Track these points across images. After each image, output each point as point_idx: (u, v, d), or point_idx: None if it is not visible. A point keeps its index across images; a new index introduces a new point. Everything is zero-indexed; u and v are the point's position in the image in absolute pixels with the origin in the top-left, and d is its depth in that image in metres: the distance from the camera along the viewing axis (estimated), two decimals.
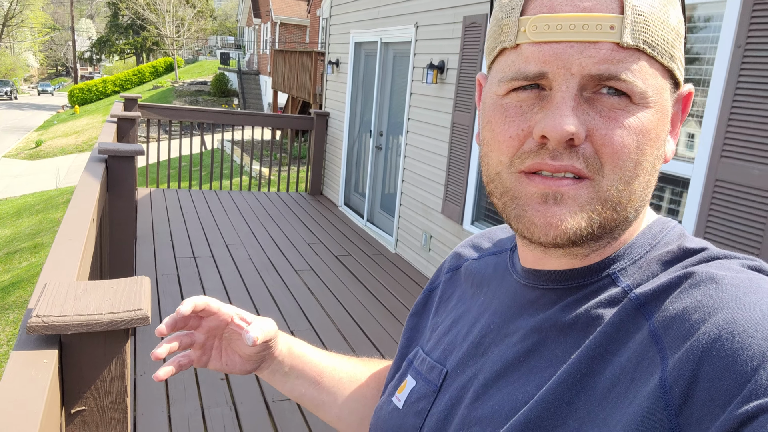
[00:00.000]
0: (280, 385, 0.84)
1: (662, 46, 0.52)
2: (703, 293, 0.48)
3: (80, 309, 1.30)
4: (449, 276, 0.78)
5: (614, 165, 0.51)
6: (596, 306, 0.55)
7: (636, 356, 0.48)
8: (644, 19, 0.50)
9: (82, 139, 24.84)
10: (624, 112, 0.51)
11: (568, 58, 0.50)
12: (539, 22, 0.51)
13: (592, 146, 0.51)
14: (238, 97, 28.02)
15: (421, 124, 5.38)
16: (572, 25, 0.50)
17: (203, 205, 6.97)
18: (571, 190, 0.52)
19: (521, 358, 0.57)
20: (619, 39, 0.49)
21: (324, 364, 0.86)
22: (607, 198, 0.52)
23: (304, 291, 4.63)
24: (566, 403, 0.51)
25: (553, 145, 0.51)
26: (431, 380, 0.66)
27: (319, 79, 12.88)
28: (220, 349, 0.80)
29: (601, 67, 0.50)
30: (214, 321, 0.77)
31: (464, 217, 4.66)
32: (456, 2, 4.76)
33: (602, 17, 0.50)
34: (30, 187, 17.00)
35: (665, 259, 0.55)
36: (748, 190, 2.44)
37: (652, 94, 0.51)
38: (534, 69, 0.51)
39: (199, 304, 0.74)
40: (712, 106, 2.58)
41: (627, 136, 0.51)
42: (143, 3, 35.11)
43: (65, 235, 1.99)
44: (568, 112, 0.50)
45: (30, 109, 40.16)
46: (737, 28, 2.48)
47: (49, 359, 1.23)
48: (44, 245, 9.86)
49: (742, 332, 0.43)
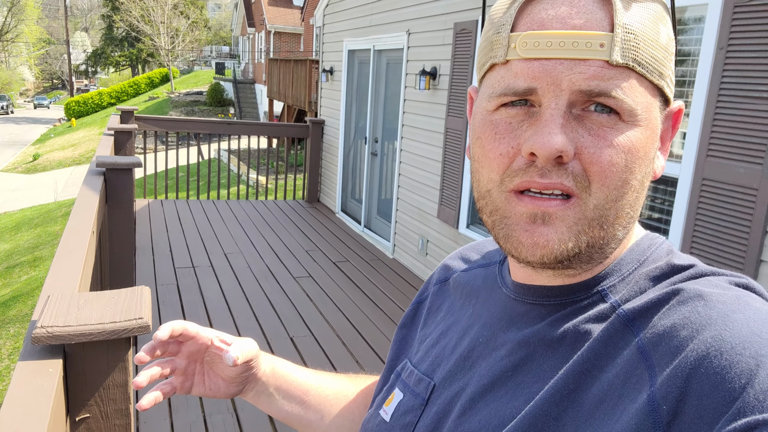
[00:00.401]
0: (266, 406, 0.83)
1: (652, 65, 0.52)
2: (691, 310, 0.48)
3: (83, 319, 1.35)
4: (438, 288, 0.78)
5: (602, 183, 0.51)
6: (584, 321, 0.55)
7: (624, 372, 0.49)
8: (634, 37, 0.50)
9: (79, 151, 24.88)
10: (613, 130, 0.51)
11: (557, 74, 0.50)
12: (529, 38, 0.52)
13: (581, 164, 0.51)
14: (234, 107, 28.10)
15: (415, 130, 5.43)
16: (562, 42, 0.50)
17: (201, 215, 7.02)
18: (559, 211, 0.52)
19: (509, 373, 0.57)
20: (609, 57, 0.50)
21: (309, 383, 0.85)
22: (594, 217, 0.52)
23: (302, 298, 4.67)
24: (554, 418, 0.51)
25: (541, 163, 0.51)
26: (419, 393, 0.66)
27: (314, 86, 12.95)
28: (203, 373, 0.79)
29: (591, 83, 0.50)
30: (194, 345, 0.76)
31: (460, 221, 4.71)
32: (447, 9, 4.82)
33: (592, 35, 0.50)
34: (28, 200, 17.03)
35: (653, 275, 0.55)
36: (735, 188, 2.49)
37: (641, 112, 0.51)
38: (523, 85, 0.52)
39: (177, 328, 0.72)
40: (697, 107, 2.63)
41: (615, 154, 0.51)
42: (138, 15, 35.22)
43: (66, 248, 2.03)
44: (557, 129, 0.50)
45: (26, 123, 40.21)
46: (719, 31, 2.53)
47: (54, 368, 1.28)
48: (43, 259, 9.89)
49: (730, 350, 0.43)
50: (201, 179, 12.41)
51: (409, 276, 5.40)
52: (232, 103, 28.66)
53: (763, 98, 2.38)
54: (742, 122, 2.46)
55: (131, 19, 35.69)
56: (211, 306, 4.36)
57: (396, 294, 4.92)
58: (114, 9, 42.53)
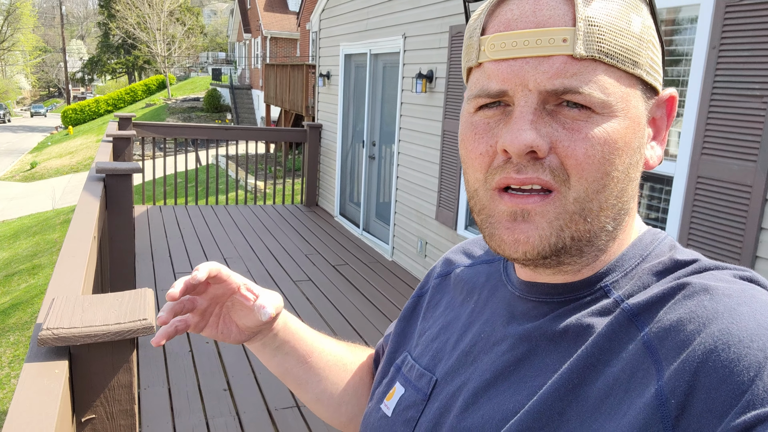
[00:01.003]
0: (268, 358, 0.83)
1: (623, 54, 0.51)
2: (697, 304, 0.48)
3: (88, 321, 1.37)
4: (438, 281, 0.78)
5: (580, 176, 0.51)
6: (587, 316, 0.55)
7: (630, 367, 0.49)
8: (598, 29, 0.50)
9: (77, 159, 24.88)
10: (587, 123, 0.51)
11: (524, 74, 0.51)
12: (496, 40, 0.53)
13: (558, 158, 0.51)
14: (231, 112, 28.13)
15: (412, 133, 5.46)
16: (526, 41, 0.51)
17: (200, 221, 7.03)
18: (538, 207, 0.52)
19: (511, 367, 0.57)
20: (573, 51, 0.50)
21: (315, 345, 0.84)
22: (575, 210, 0.52)
23: (303, 301, 4.69)
24: (558, 413, 0.51)
25: (515, 159, 0.52)
26: (420, 388, 0.66)
27: (311, 91, 12.98)
28: (219, 316, 0.78)
29: (556, 81, 0.50)
30: (221, 289, 0.74)
31: (458, 223, 4.73)
32: (442, 13, 4.86)
33: (554, 31, 0.50)
34: (26, 209, 17.02)
35: (656, 270, 0.55)
36: (729, 186, 2.52)
37: (616, 103, 0.51)
38: (495, 87, 0.53)
39: (213, 270, 0.71)
40: (691, 106, 2.66)
41: (591, 147, 0.51)
42: (134, 22, 35.27)
43: (69, 252, 2.05)
44: (526, 126, 0.50)
45: (23, 132, 40.20)
46: (711, 30, 2.57)
47: (60, 369, 1.29)
48: (42, 266, 9.89)
49: (738, 343, 0.44)
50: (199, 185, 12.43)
51: (409, 278, 5.42)
52: (229, 109, 28.69)
53: (755, 96, 2.41)
54: (735, 120, 2.49)
55: (127, 26, 35.74)
56: None
57: (395, 296, 4.94)
58: (110, 16, 42.58)
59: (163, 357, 3.59)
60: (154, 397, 3.15)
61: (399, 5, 5.65)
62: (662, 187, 2.89)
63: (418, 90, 5.09)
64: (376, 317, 4.47)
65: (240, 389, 3.28)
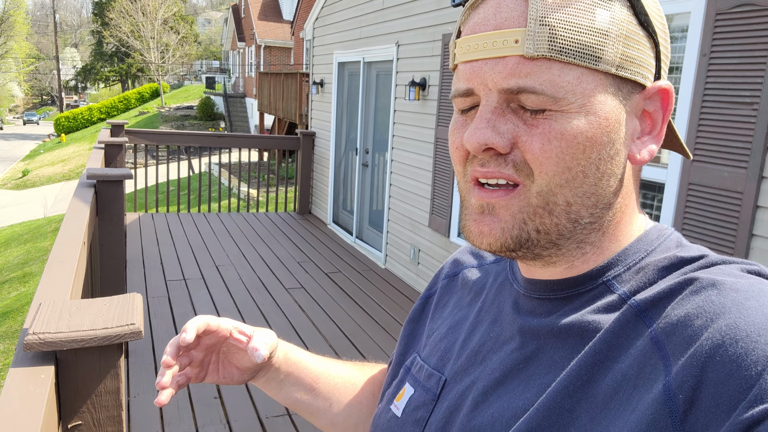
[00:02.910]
0: (275, 392, 0.83)
1: (582, 51, 0.51)
2: (705, 299, 0.48)
3: (75, 325, 1.35)
4: (446, 282, 0.79)
5: (540, 170, 0.53)
6: (594, 312, 0.55)
7: (638, 363, 0.49)
8: (549, 29, 0.51)
9: (69, 167, 24.78)
10: (546, 120, 0.52)
11: (483, 74, 0.54)
12: (464, 43, 0.56)
13: (521, 153, 0.54)
14: (224, 121, 28.11)
15: (405, 140, 5.46)
16: (485, 43, 0.54)
17: (192, 228, 7.00)
18: (503, 201, 0.55)
19: (520, 365, 0.58)
20: (523, 51, 0.51)
21: (320, 371, 0.85)
22: (539, 204, 0.54)
23: (295, 309, 4.66)
24: (567, 410, 0.51)
25: (476, 154, 0.55)
26: (429, 388, 0.67)
27: (304, 99, 12.99)
28: (218, 363, 0.80)
29: (510, 81, 0.52)
30: (213, 338, 0.76)
31: (451, 230, 4.73)
32: (435, 21, 4.88)
33: (507, 32, 0.52)
34: (17, 216, 16.91)
35: (662, 265, 0.55)
36: (720, 192, 2.53)
37: (575, 99, 0.52)
38: (464, 86, 0.56)
39: (200, 326, 0.73)
40: (682, 112, 2.68)
41: (547, 142, 0.52)
42: (127, 30, 35.27)
43: (57, 257, 2.03)
44: (483, 124, 0.53)
45: (16, 139, 40.03)
46: (701, 38, 2.58)
47: (46, 375, 1.28)
48: (33, 275, 9.81)
49: (745, 337, 0.44)
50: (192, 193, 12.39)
51: (402, 286, 5.41)
52: (223, 117, 28.67)
53: (745, 103, 2.42)
54: (726, 127, 2.50)
55: (121, 34, 35.73)
56: None
57: (388, 304, 4.93)
58: (104, 24, 42.56)
59: (153, 365, 3.56)
60: (144, 405, 3.12)
61: (392, 14, 5.67)
62: (654, 194, 2.90)
63: (411, 98, 5.10)
64: (369, 325, 4.45)
65: (231, 397, 3.25)
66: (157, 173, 7.45)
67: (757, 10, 2.36)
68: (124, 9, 34.98)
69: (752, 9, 2.38)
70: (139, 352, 3.71)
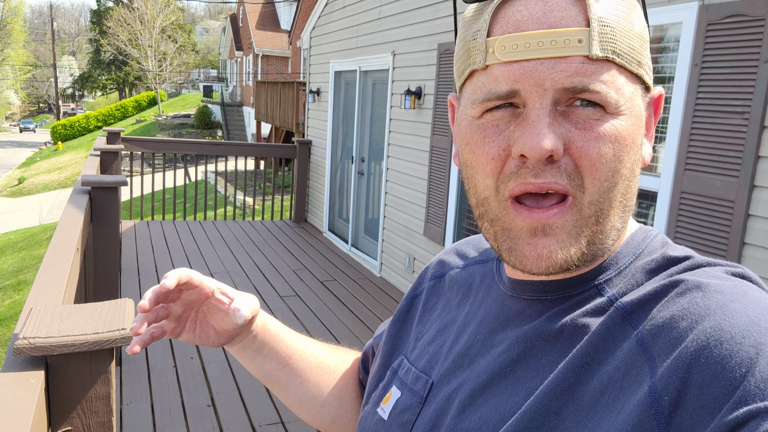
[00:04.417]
0: (248, 361, 0.82)
1: (630, 54, 0.52)
2: (690, 301, 0.48)
3: (66, 330, 1.34)
4: (433, 284, 0.78)
5: (593, 177, 0.51)
6: (582, 315, 0.55)
7: (624, 365, 0.49)
8: (611, 29, 0.51)
9: (65, 175, 24.74)
10: (599, 122, 0.51)
11: (539, 74, 0.50)
12: (507, 42, 0.52)
13: (572, 159, 0.51)
14: (221, 129, 28.14)
15: (401, 149, 5.48)
16: (540, 42, 0.50)
17: (188, 236, 6.99)
18: (558, 219, 0.52)
19: (508, 368, 0.57)
20: (588, 51, 0.50)
21: (295, 346, 0.84)
22: (590, 214, 0.52)
23: (290, 317, 4.65)
24: (554, 413, 0.51)
25: (533, 163, 0.51)
26: (417, 391, 0.66)
27: (301, 108, 13.02)
28: (195, 321, 0.78)
29: (575, 79, 0.50)
30: (194, 294, 0.74)
31: (446, 238, 4.74)
32: (431, 31, 4.91)
33: (569, 32, 0.50)
34: (13, 224, 16.86)
35: (649, 267, 0.55)
36: (712, 201, 2.54)
37: (625, 102, 0.52)
38: (505, 88, 0.52)
39: (183, 277, 0.71)
40: (674, 122, 2.69)
41: (603, 145, 0.51)
42: (125, 39, 35.33)
43: (50, 263, 2.03)
44: (545, 129, 0.50)
45: (12, 147, 39.97)
46: (693, 48, 2.61)
47: (36, 379, 1.27)
48: (28, 282, 9.77)
49: (730, 339, 0.44)
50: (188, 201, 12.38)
51: (397, 294, 5.40)
52: (220, 126, 28.70)
53: (737, 112, 2.44)
54: (718, 136, 2.52)
55: (119, 42, 35.79)
56: None
57: (383, 312, 4.92)
58: (101, 33, 42.66)
59: (147, 372, 3.55)
60: (137, 413, 3.11)
61: (388, 23, 5.70)
62: (646, 202, 2.91)
63: (407, 106, 5.12)
64: (364, 333, 4.44)
65: (224, 405, 3.24)
66: (153, 181, 7.44)
67: (747, 20, 2.39)
68: (122, 17, 35.06)
69: (743, 20, 2.40)
70: (132, 359, 3.69)
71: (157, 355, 3.78)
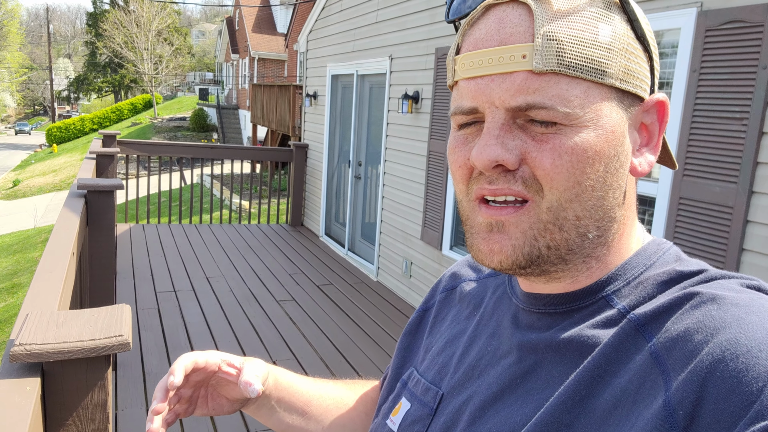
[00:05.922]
0: (266, 418, 0.82)
1: (588, 65, 0.52)
2: (705, 314, 0.48)
3: (62, 337, 1.33)
4: (444, 296, 0.78)
5: (551, 186, 0.52)
6: (593, 327, 0.55)
7: (637, 378, 0.48)
8: (557, 43, 0.51)
9: (60, 177, 24.65)
10: (556, 135, 0.52)
11: (489, 92, 0.53)
12: (466, 59, 0.55)
13: (530, 169, 0.53)
14: (217, 132, 28.10)
15: (398, 153, 5.47)
16: (490, 59, 0.53)
17: (183, 240, 6.96)
18: (513, 218, 0.54)
19: (518, 380, 0.57)
20: (531, 66, 0.51)
21: (311, 393, 0.84)
22: (549, 219, 0.53)
23: (285, 321, 4.63)
24: (565, 425, 0.50)
25: (485, 172, 0.54)
26: (426, 402, 0.66)
27: (298, 111, 13.01)
28: (206, 396, 0.79)
29: (519, 98, 0.51)
30: (201, 375, 0.75)
31: (443, 243, 4.73)
32: (428, 35, 4.91)
33: (514, 48, 0.52)
34: (7, 227, 16.77)
35: (662, 279, 0.55)
36: (711, 207, 2.54)
37: (584, 114, 0.52)
38: (467, 104, 0.55)
39: (188, 365, 0.71)
40: (672, 127, 2.70)
41: (558, 158, 0.52)
42: (121, 41, 35.29)
43: (46, 267, 2.01)
44: (492, 141, 0.52)
45: (7, 149, 39.80)
46: (692, 54, 2.61)
47: (32, 386, 1.25)
48: (22, 285, 9.72)
49: (746, 353, 0.43)
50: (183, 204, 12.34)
51: (393, 298, 5.39)
52: (216, 129, 28.66)
53: (735, 118, 2.44)
54: (716, 142, 2.52)
55: (114, 45, 35.75)
56: (193, 330, 4.31)
57: (380, 317, 4.91)
58: (97, 35, 42.61)
59: (142, 378, 3.52)
60: (132, 418, 3.08)
61: (386, 27, 5.70)
62: (645, 208, 2.91)
63: (404, 111, 5.12)
64: (360, 337, 4.42)
65: None
66: (149, 184, 7.41)
67: (746, 26, 2.39)
68: (118, 20, 35.03)
69: (741, 26, 2.41)
70: (128, 364, 3.67)
71: (153, 360, 3.76)
